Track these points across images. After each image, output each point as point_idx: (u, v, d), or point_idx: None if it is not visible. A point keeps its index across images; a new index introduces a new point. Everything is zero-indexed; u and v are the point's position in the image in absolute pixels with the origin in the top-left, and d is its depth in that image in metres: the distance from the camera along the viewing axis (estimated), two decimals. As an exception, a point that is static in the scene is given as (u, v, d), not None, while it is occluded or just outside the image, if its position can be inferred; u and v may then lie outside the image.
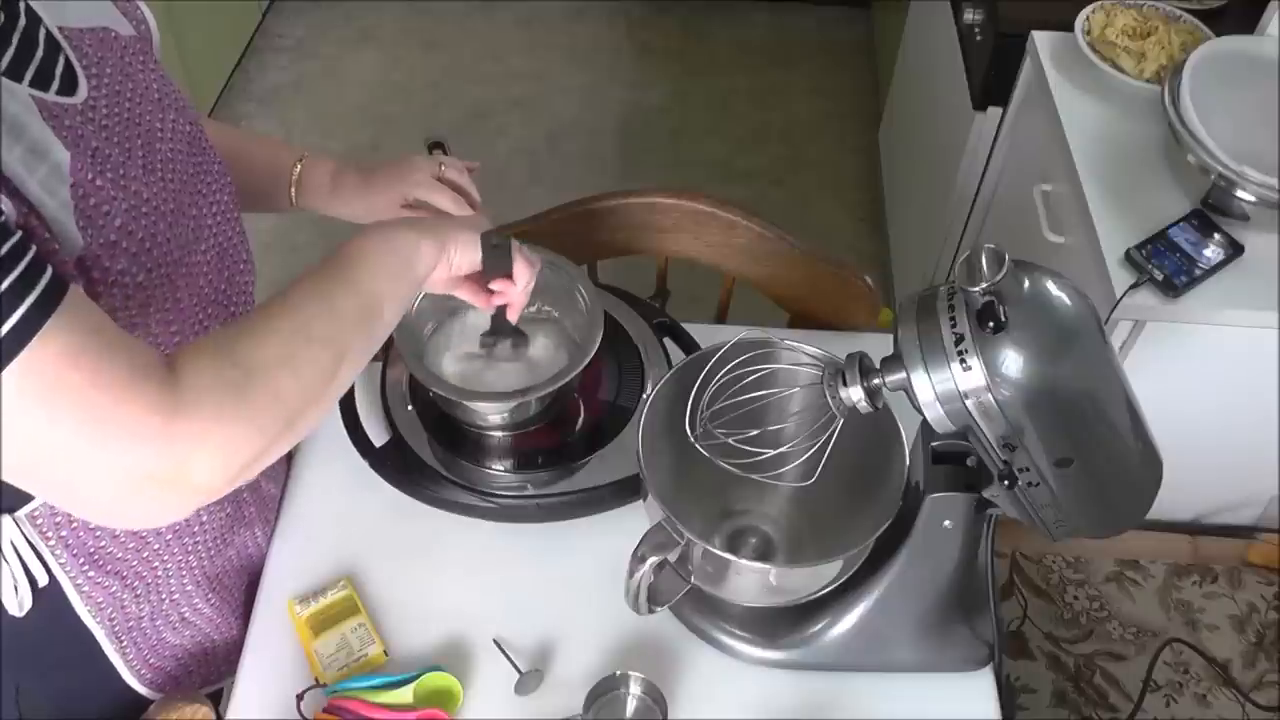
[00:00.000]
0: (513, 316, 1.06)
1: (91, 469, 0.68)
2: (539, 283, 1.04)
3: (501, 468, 1.18)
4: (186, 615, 1.08)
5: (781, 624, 1.09)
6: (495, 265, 0.98)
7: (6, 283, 0.64)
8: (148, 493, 0.70)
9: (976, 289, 0.81)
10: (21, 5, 0.75)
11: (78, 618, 0.99)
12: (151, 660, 1.07)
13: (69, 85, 0.77)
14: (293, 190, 1.13)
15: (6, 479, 0.70)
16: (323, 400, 0.79)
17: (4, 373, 0.64)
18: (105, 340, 0.68)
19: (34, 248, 0.67)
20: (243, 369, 0.73)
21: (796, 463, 0.95)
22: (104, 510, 0.73)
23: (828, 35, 3.41)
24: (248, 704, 1.06)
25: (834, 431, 0.92)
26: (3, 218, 0.66)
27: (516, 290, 1.01)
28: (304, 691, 1.04)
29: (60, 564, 0.94)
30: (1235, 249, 1.43)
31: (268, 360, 0.74)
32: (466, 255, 0.94)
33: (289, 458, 1.25)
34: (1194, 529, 1.70)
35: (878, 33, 3.27)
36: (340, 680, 1.05)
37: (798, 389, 1.05)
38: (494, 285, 1.00)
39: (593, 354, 1.13)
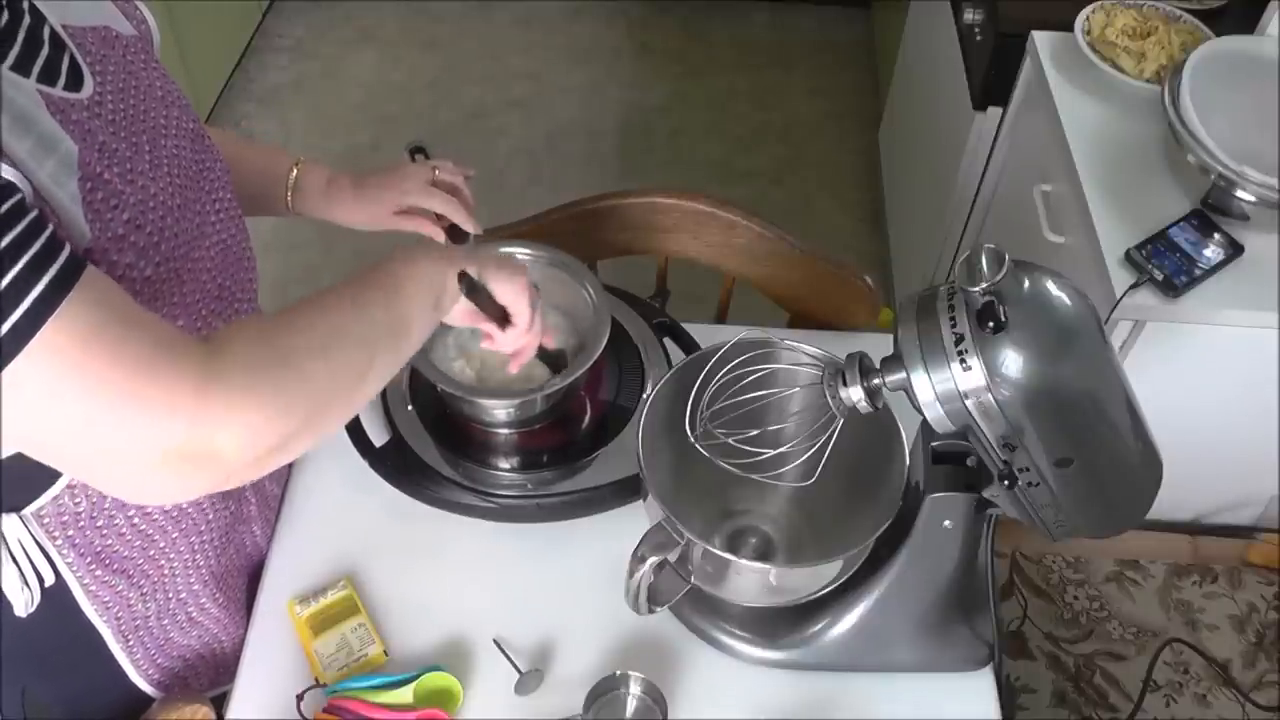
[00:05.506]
0: (512, 368, 1.07)
1: (116, 445, 0.69)
2: (545, 279, 1.05)
3: (502, 467, 1.18)
4: (193, 615, 1.08)
5: (781, 624, 1.09)
6: (484, 305, 0.97)
7: (23, 261, 0.64)
8: (174, 468, 0.71)
9: (976, 289, 0.81)
10: (25, 4, 0.75)
11: (85, 617, 0.99)
12: (159, 660, 1.07)
13: (75, 81, 0.77)
14: (289, 196, 1.15)
15: (35, 457, 0.71)
16: (351, 399, 0.81)
17: (23, 352, 0.64)
18: (126, 318, 0.69)
19: (50, 226, 0.67)
20: (278, 352, 0.75)
21: (796, 463, 0.95)
22: (131, 487, 0.75)
23: (828, 35, 3.41)
24: (248, 704, 1.06)
25: (834, 431, 0.92)
26: (19, 196, 0.66)
27: (504, 341, 1.01)
28: (304, 691, 1.04)
29: (67, 563, 0.94)
30: (1235, 249, 1.43)
31: (304, 347, 0.77)
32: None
33: (289, 457, 1.25)
34: (1194, 529, 1.70)
35: (878, 33, 3.27)
36: (340, 680, 1.05)
37: (798, 389, 1.05)
38: (483, 326, 0.99)
39: (601, 350, 1.13)
